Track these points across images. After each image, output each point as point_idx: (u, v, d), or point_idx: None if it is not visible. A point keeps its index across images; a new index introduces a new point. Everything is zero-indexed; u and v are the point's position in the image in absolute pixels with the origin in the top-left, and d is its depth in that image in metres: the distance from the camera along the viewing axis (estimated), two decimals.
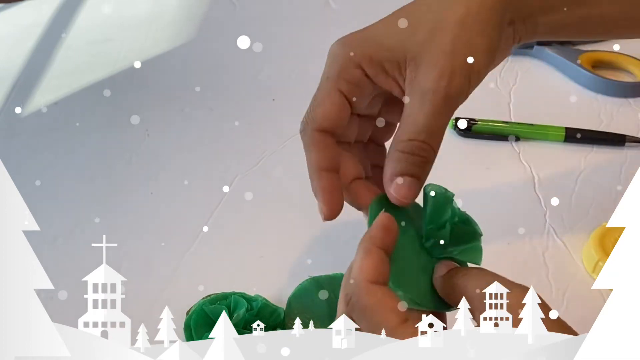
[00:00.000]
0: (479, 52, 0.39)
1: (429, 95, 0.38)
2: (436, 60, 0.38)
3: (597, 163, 0.62)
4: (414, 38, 0.39)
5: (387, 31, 0.41)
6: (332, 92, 0.41)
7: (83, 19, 0.84)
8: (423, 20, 0.40)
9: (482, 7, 0.39)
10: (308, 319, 0.48)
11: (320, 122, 0.40)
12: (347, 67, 0.40)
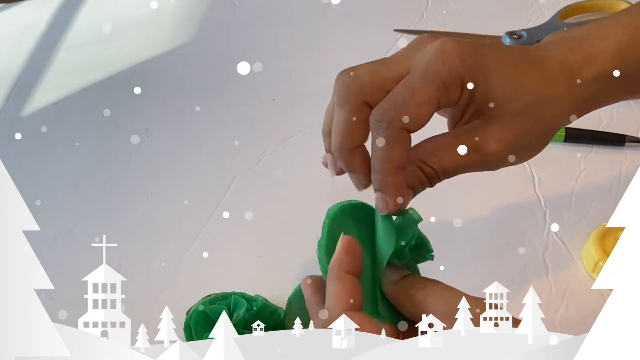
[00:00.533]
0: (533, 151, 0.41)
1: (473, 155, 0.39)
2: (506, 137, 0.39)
3: (597, 163, 0.62)
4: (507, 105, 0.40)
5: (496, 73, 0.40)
6: (434, 100, 0.38)
7: (83, 19, 0.84)
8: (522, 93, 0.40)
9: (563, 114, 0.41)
10: (308, 319, 0.48)
11: (412, 125, 0.38)
12: (455, 83, 0.38)
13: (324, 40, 0.79)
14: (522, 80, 0.40)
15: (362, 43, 0.77)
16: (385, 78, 0.39)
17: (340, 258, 0.38)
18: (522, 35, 0.75)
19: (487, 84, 0.39)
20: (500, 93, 0.39)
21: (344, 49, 0.77)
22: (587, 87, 0.40)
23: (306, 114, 0.69)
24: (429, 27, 0.78)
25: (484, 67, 0.39)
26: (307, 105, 0.70)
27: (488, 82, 0.39)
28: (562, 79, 0.40)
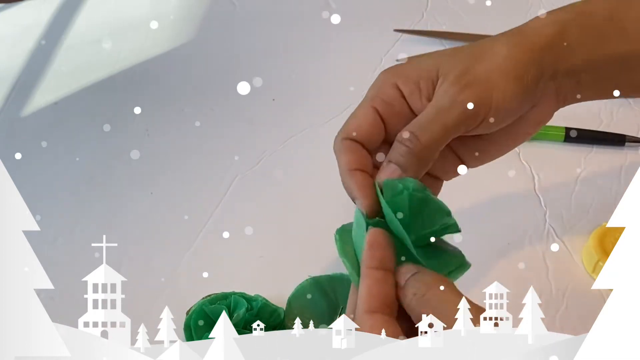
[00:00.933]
0: (507, 91, 0.40)
1: (444, 102, 0.40)
2: (458, 75, 0.40)
3: (597, 163, 0.62)
4: (451, 59, 0.41)
5: (429, 57, 0.43)
6: (367, 108, 0.42)
7: (83, 18, 0.84)
8: (465, 50, 0.42)
9: (524, 54, 0.41)
10: (308, 319, 0.48)
11: (349, 131, 0.42)
12: (384, 86, 0.42)
13: (324, 41, 0.79)
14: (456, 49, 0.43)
15: (362, 43, 0.77)
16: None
17: (365, 254, 0.38)
18: None
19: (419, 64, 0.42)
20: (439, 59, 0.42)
21: (344, 49, 0.77)
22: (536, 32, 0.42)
23: (306, 114, 0.69)
24: (429, 27, 0.78)
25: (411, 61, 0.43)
26: (307, 105, 0.70)
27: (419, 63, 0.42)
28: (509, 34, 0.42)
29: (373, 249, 0.37)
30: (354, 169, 0.41)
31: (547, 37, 0.41)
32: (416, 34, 0.77)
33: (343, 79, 0.73)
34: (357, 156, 0.41)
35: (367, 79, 0.72)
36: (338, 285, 0.52)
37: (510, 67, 0.40)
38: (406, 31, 0.78)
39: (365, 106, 0.42)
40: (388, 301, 0.36)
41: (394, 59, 0.74)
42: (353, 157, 0.41)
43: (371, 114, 0.42)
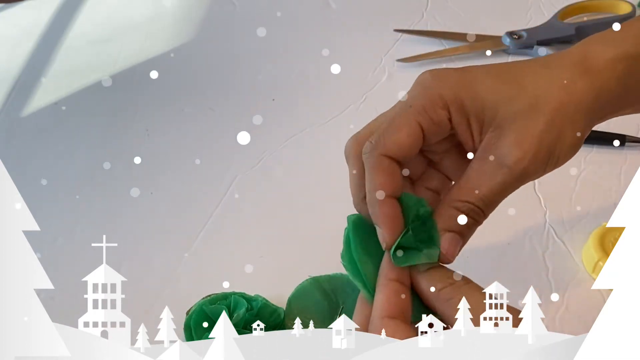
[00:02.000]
0: (565, 145, 0.38)
1: (503, 170, 0.38)
2: (522, 138, 0.37)
3: (597, 163, 0.62)
4: (509, 106, 0.38)
5: (486, 83, 0.39)
6: (413, 123, 0.38)
7: (83, 18, 0.84)
8: (524, 88, 0.38)
9: (582, 99, 0.38)
10: (308, 319, 0.48)
11: (391, 149, 0.38)
12: (435, 104, 0.39)
13: (324, 40, 0.79)
14: (518, 77, 0.39)
15: (362, 43, 0.77)
16: (378, 124, 0.40)
17: (384, 266, 0.38)
18: (522, 35, 0.75)
19: (477, 92, 0.38)
20: (497, 96, 0.38)
21: (344, 49, 0.77)
22: (604, 70, 0.38)
23: (306, 114, 0.69)
24: (429, 27, 0.78)
25: (466, 80, 0.39)
26: (307, 105, 0.70)
27: (477, 91, 0.38)
28: (570, 65, 0.39)
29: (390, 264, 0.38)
30: (388, 195, 0.38)
31: (617, 78, 0.38)
32: (416, 34, 0.77)
33: (343, 79, 0.73)
34: (393, 179, 0.38)
35: (367, 79, 0.72)
36: (338, 285, 0.52)
37: (574, 115, 0.38)
38: (406, 31, 0.78)
39: (410, 120, 0.38)
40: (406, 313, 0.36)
41: (394, 59, 0.74)
42: (389, 181, 0.38)
43: (417, 132, 0.38)
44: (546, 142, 0.38)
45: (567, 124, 0.38)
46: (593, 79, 0.38)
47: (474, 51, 0.75)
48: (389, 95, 0.70)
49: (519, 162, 0.37)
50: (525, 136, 0.37)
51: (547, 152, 0.38)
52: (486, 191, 0.38)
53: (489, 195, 0.38)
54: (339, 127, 0.67)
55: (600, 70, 0.38)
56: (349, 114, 0.69)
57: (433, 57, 0.74)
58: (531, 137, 0.37)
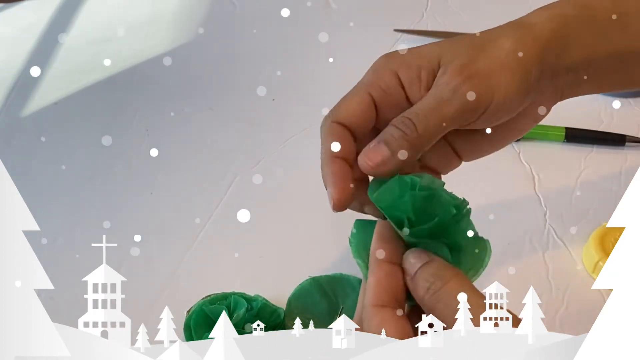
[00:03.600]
0: (504, 84, 0.39)
1: (445, 92, 0.39)
2: (468, 69, 0.39)
3: (597, 163, 0.62)
4: (454, 49, 0.40)
5: (430, 46, 0.42)
6: (361, 92, 0.41)
7: (83, 19, 0.84)
8: (468, 40, 0.41)
9: (528, 50, 0.39)
10: (308, 319, 0.48)
11: (340, 115, 0.41)
12: (383, 73, 0.41)
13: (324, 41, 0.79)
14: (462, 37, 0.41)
15: (362, 43, 0.77)
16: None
17: (373, 247, 0.37)
18: None
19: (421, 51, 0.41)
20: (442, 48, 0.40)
21: (344, 49, 0.77)
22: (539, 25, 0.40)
23: (306, 114, 0.69)
24: (429, 27, 0.78)
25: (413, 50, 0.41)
26: (307, 105, 0.70)
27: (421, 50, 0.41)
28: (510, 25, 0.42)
29: (381, 241, 0.37)
30: (336, 156, 0.40)
31: (550, 32, 0.40)
32: (416, 34, 0.77)
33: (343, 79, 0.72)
34: (342, 142, 0.40)
35: None
36: (338, 285, 0.52)
37: (514, 63, 0.39)
38: (406, 31, 0.78)
39: (361, 91, 0.41)
40: (398, 295, 0.35)
41: None
42: (339, 143, 0.40)
43: (366, 99, 0.41)
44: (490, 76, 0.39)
45: (512, 68, 0.39)
46: (531, 32, 0.40)
47: None
48: None
49: (460, 85, 0.38)
50: (469, 67, 0.39)
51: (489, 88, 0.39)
52: (420, 106, 0.39)
53: (422, 111, 0.39)
54: None
55: (536, 24, 0.41)
56: None
57: None
58: (475, 67, 0.39)
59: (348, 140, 0.40)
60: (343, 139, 0.40)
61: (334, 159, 0.40)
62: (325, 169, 0.40)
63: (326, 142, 0.40)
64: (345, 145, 0.40)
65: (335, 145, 0.39)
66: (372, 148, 0.39)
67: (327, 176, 0.40)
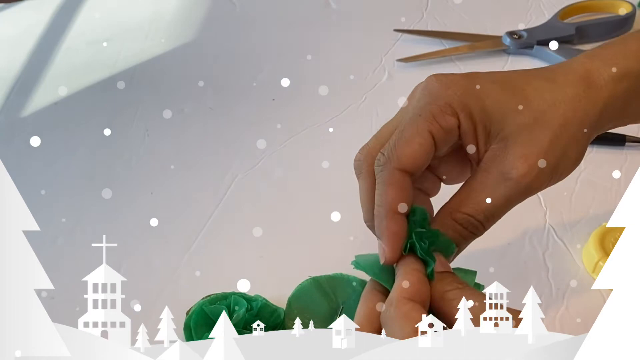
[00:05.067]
0: (569, 160, 0.38)
1: (508, 183, 0.37)
2: (528, 153, 0.37)
3: (597, 163, 0.62)
4: (516, 118, 0.38)
5: (492, 94, 0.38)
6: (424, 132, 0.37)
7: (83, 19, 0.84)
8: (530, 102, 0.38)
9: (586, 116, 0.38)
10: (308, 319, 0.48)
11: (405, 162, 0.37)
12: (445, 111, 0.38)
13: (324, 41, 0.79)
14: (524, 90, 0.38)
15: (362, 43, 0.77)
16: (387, 134, 0.39)
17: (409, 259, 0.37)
18: (522, 35, 0.75)
19: (484, 102, 0.38)
20: (504, 107, 0.38)
21: (344, 49, 0.77)
22: (606, 87, 0.38)
23: (306, 114, 0.69)
24: (429, 27, 0.78)
25: (474, 89, 0.38)
26: (307, 105, 0.70)
27: (485, 101, 0.38)
28: (574, 81, 0.39)
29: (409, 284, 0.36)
30: (397, 212, 0.37)
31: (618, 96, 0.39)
32: (416, 34, 0.77)
33: (343, 79, 0.73)
34: (405, 195, 0.37)
35: (367, 79, 0.72)
36: (338, 285, 0.52)
37: (578, 131, 0.38)
38: (406, 31, 0.78)
39: (422, 130, 0.37)
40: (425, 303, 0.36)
41: (394, 59, 0.74)
42: (400, 196, 0.37)
43: (429, 140, 0.37)
44: (551, 158, 0.37)
45: (571, 140, 0.38)
46: (597, 96, 0.38)
47: (474, 51, 0.75)
48: (389, 95, 0.70)
49: (524, 176, 0.37)
50: (531, 150, 0.37)
51: (552, 168, 0.38)
52: (489, 205, 0.38)
53: (491, 209, 0.38)
54: (339, 127, 0.67)
55: (603, 86, 0.39)
56: (349, 114, 0.69)
57: (433, 57, 0.74)
58: (537, 152, 0.37)
59: (409, 190, 0.38)
60: (406, 190, 0.38)
61: (395, 216, 0.37)
62: (382, 224, 0.38)
63: (387, 194, 0.37)
64: (408, 197, 0.38)
65: (403, 207, 0.37)
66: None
67: (384, 233, 0.37)
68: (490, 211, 0.38)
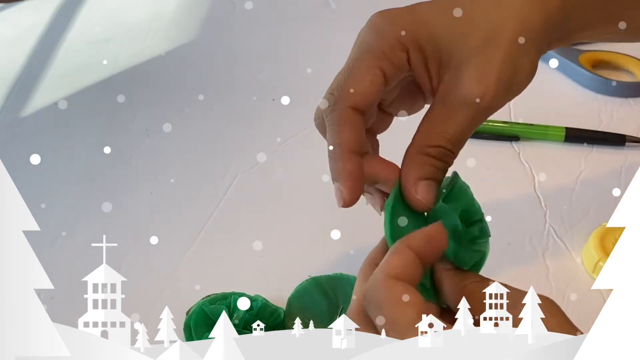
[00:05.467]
0: (523, 73, 0.38)
1: (465, 107, 0.37)
2: (482, 74, 0.37)
3: (597, 163, 0.62)
4: (466, 43, 0.38)
5: (438, 22, 0.38)
6: (375, 69, 0.37)
7: (83, 19, 0.84)
8: (477, 24, 0.38)
9: (534, 28, 0.38)
10: (308, 319, 0.48)
11: (357, 99, 0.37)
12: (395, 47, 0.38)
13: (324, 40, 0.79)
14: (471, 12, 0.38)
15: None
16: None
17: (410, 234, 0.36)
18: None
19: (432, 33, 0.38)
20: (451, 35, 0.38)
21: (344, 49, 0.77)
22: (546, 3, 0.38)
23: (306, 114, 0.69)
24: None
25: (419, 20, 0.38)
26: (307, 105, 0.70)
27: (432, 31, 0.38)
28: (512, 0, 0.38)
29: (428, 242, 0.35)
30: (351, 150, 0.37)
31: (560, 5, 0.38)
32: None
33: None
34: (358, 134, 0.37)
35: None
36: (338, 285, 0.52)
37: (528, 44, 0.37)
38: None
39: (372, 66, 0.37)
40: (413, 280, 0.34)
41: None
42: (355, 136, 0.37)
43: (379, 77, 0.37)
44: (505, 75, 0.37)
45: (522, 54, 0.38)
46: (541, 8, 0.38)
47: None
48: None
49: (482, 98, 0.37)
50: (484, 71, 0.37)
51: (507, 84, 0.38)
52: (453, 132, 0.38)
53: (457, 135, 0.38)
54: None
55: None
56: None
57: None
58: (490, 72, 0.37)
59: (362, 129, 0.38)
60: (359, 128, 0.37)
61: (350, 155, 0.37)
62: (337, 164, 0.37)
63: (340, 134, 0.37)
64: (361, 136, 0.37)
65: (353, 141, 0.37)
66: (422, 187, 0.37)
67: (340, 173, 0.37)
68: (457, 137, 0.38)
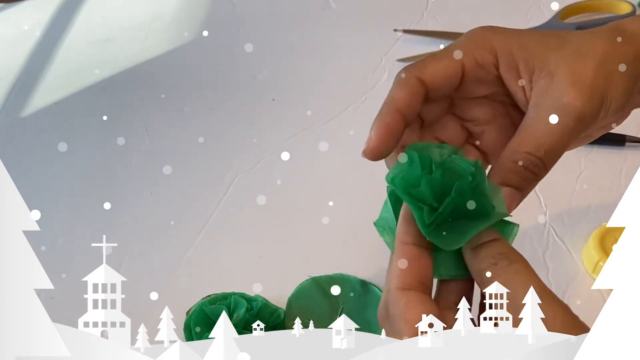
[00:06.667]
0: (617, 88, 0.38)
1: (559, 111, 0.37)
2: (577, 79, 0.37)
3: (597, 163, 0.62)
4: (559, 53, 0.38)
5: (533, 35, 0.39)
6: (454, 61, 0.38)
7: (83, 18, 0.84)
8: (569, 40, 0.39)
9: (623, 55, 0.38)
10: (308, 319, 0.48)
11: (425, 72, 0.38)
12: (483, 47, 0.39)
13: (324, 40, 0.79)
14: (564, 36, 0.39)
15: (362, 43, 0.77)
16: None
17: (399, 229, 0.36)
18: None
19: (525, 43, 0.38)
20: (544, 46, 0.38)
21: (344, 49, 0.77)
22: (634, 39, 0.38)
23: (306, 114, 0.69)
24: (429, 27, 0.78)
25: (515, 32, 0.39)
26: (307, 105, 0.70)
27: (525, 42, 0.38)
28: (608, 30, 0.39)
29: (407, 224, 0.36)
30: (398, 109, 0.37)
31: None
32: (416, 34, 0.77)
33: (343, 79, 0.73)
34: (413, 101, 0.38)
35: (367, 79, 0.72)
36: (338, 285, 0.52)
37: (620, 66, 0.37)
38: (406, 31, 0.78)
39: (453, 57, 0.38)
40: (424, 279, 0.35)
41: (394, 59, 0.74)
42: (409, 100, 0.38)
43: (457, 67, 0.38)
44: (599, 83, 0.37)
45: (615, 70, 0.38)
46: (630, 41, 0.38)
47: None
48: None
49: (576, 99, 0.36)
50: (578, 77, 0.37)
51: (601, 93, 0.37)
52: (545, 138, 0.37)
53: (549, 144, 0.37)
54: (339, 127, 0.67)
55: (635, 34, 0.38)
56: (349, 114, 0.69)
57: None
58: (584, 78, 0.37)
59: (419, 99, 0.38)
60: (416, 96, 0.38)
61: (395, 112, 0.37)
62: (381, 116, 0.37)
63: (398, 91, 0.38)
64: (414, 103, 0.38)
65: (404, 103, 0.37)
66: (512, 197, 0.37)
67: (377, 121, 0.37)
68: (549, 145, 0.37)
